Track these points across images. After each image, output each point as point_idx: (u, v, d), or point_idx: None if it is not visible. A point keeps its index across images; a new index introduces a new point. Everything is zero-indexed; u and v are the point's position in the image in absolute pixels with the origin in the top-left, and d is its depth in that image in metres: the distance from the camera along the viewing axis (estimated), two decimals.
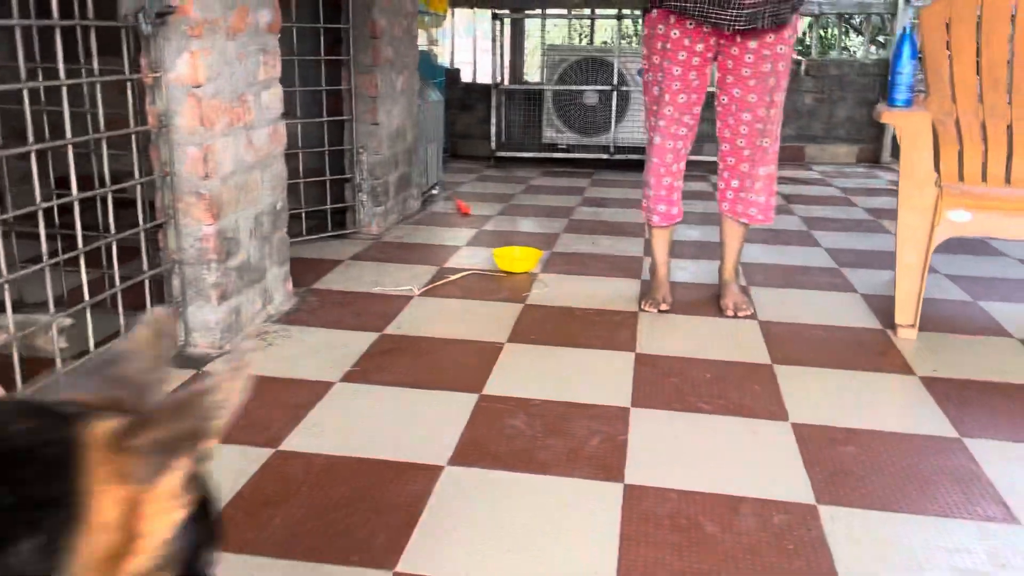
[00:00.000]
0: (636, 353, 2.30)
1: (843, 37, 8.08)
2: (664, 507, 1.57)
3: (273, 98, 2.41)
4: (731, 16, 2.29)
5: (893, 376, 2.16)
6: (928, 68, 2.88)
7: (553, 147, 5.80)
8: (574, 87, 5.62)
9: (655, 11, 2.42)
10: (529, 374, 2.15)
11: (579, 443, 1.80)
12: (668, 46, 2.40)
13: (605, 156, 5.67)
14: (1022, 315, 2.66)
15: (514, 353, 2.28)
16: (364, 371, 2.14)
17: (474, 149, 6.05)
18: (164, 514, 0.67)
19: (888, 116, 2.50)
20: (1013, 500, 1.59)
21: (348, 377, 2.10)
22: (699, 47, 2.39)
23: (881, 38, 7.26)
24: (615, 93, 5.54)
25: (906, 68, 2.63)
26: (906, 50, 2.63)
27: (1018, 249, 3.44)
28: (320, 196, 3.40)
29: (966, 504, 1.59)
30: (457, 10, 6.40)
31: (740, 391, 2.07)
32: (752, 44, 2.38)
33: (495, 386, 2.07)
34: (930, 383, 2.11)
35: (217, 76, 2.10)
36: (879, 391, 2.09)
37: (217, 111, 2.11)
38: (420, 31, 5.95)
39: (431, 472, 1.66)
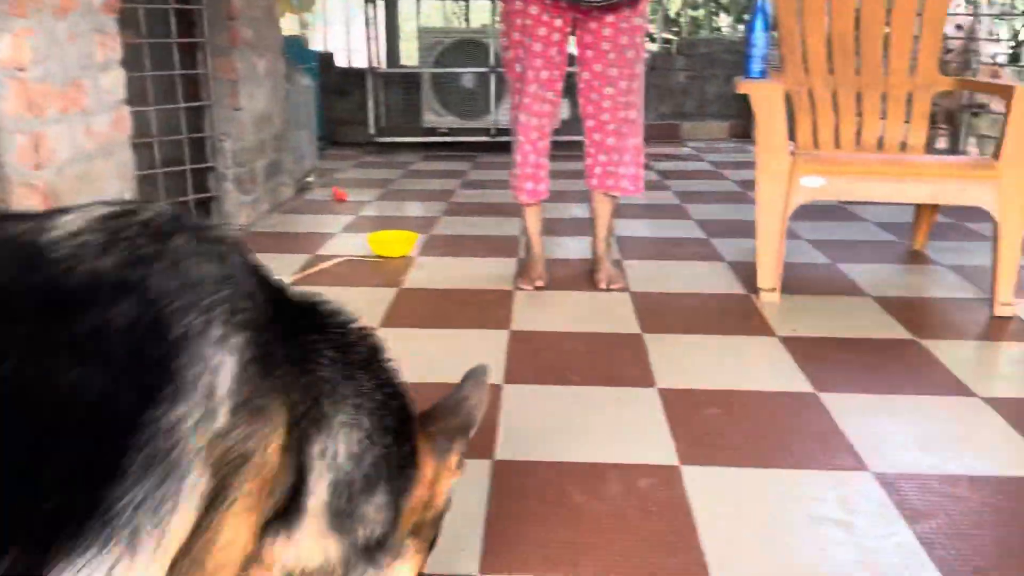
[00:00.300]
0: (510, 330, 2.29)
1: (713, 16, 8.33)
2: (532, 481, 1.56)
3: (114, 82, 2.26)
4: None
5: (755, 338, 2.23)
6: (782, 40, 2.98)
7: (433, 131, 5.74)
8: (451, 70, 5.57)
9: None
10: (401, 358, 2.08)
11: None
12: (527, 22, 2.39)
13: (486, 138, 5.65)
14: (876, 275, 2.79)
15: (387, 338, 2.21)
16: None
17: (353, 135, 5.92)
18: (447, 483, 1.03)
19: (744, 87, 2.56)
20: (863, 449, 1.66)
21: None
22: (558, 22, 2.39)
23: (747, 16, 7.52)
24: (493, 75, 5.51)
25: (759, 41, 2.71)
26: (759, 23, 2.70)
27: (874, 212, 3.62)
28: (182, 187, 3.24)
29: (820, 456, 1.64)
30: None
31: (610, 361, 2.09)
32: (610, 18, 2.40)
33: None
34: (789, 343, 2.19)
35: (45, 58, 1.95)
36: (742, 353, 2.15)
37: (47, 96, 1.96)
38: (289, 15, 5.78)
39: None
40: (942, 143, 4.84)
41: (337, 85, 6.04)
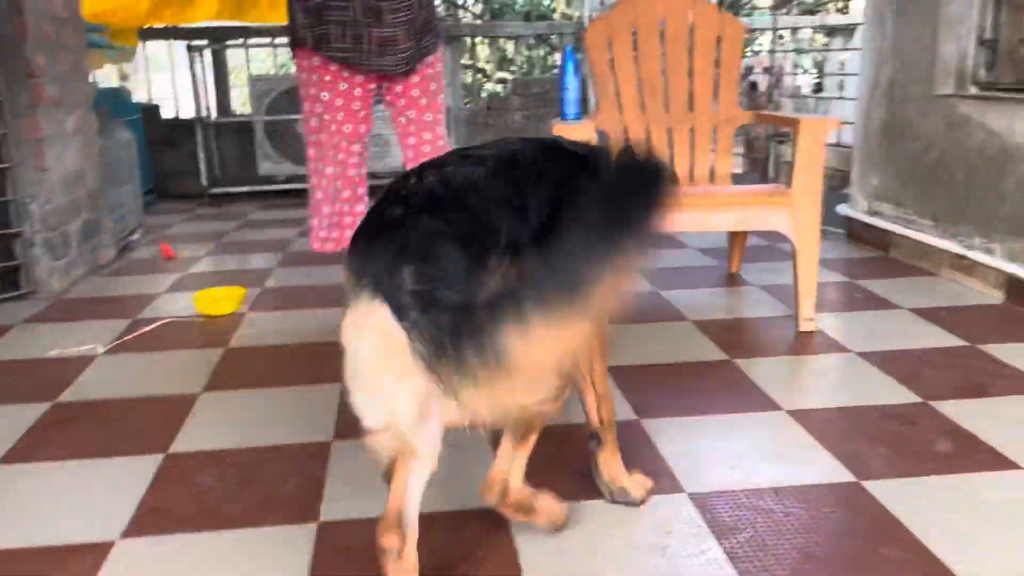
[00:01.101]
0: (343, 384, 2.25)
1: (547, 56, 8.64)
2: (360, 539, 1.53)
3: None
4: (391, 62, 2.36)
5: None
6: (596, 82, 3.13)
7: (271, 179, 5.62)
8: (286, 116, 5.48)
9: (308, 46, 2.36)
10: (225, 423, 2.03)
11: (274, 488, 1.71)
12: (327, 78, 2.38)
13: None
14: (695, 299, 2.95)
15: (209, 403, 2.14)
16: (29, 448, 1.90)
17: (186, 187, 5.70)
18: None
19: (558, 129, 2.67)
20: (679, 471, 1.74)
21: (8, 458, 1.85)
22: (359, 78, 2.40)
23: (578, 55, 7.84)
24: None
25: (572, 83, 2.84)
26: (570, 67, 2.83)
27: (697, 239, 3.83)
28: None
29: None
30: (149, 43, 6.00)
31: None
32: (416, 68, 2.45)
33: (185, 442, 1.92)
34: (615, 372, 2.27)
35: None
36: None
37: None
38: (108, 66, 5.52)
39: (99, 551, 1.49)
40: (756, 171, 5.21)
41: (165, 136, 5.82)
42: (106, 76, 5.43)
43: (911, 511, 1.56)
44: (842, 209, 3.86)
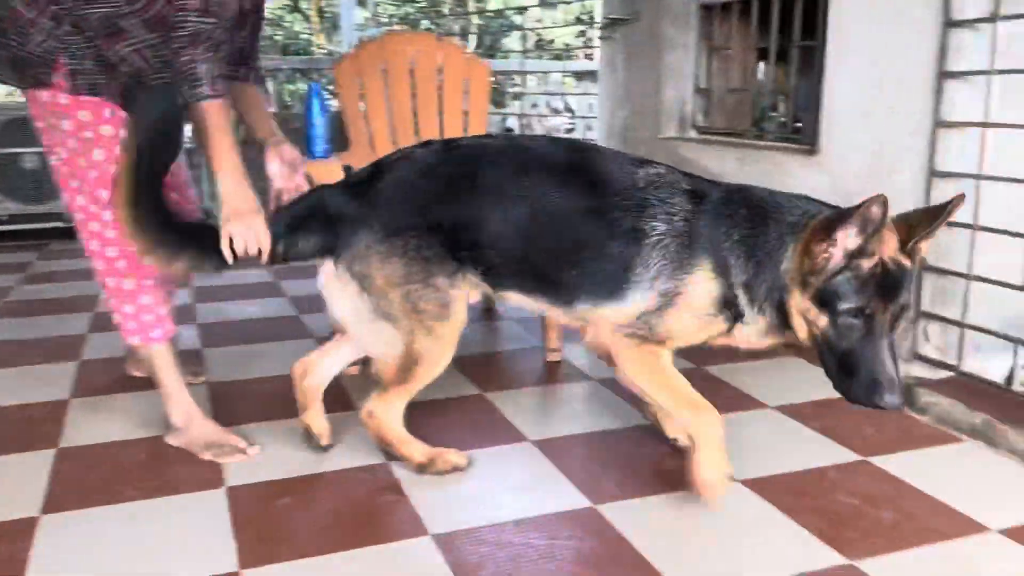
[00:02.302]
0: (58, 448, 2.02)
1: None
2: None
3: None
4: None
5: (336, 415, 2.20)
6: (347, 119, 3.10)
7: None
8: (8, 150, 4.91)
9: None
10: None
11: None
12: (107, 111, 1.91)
13: (60, 224, 5.05)
14: None
15: None
16: None
17: None
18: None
19: (308, 167, 2.59)
20: (426, 513, 1.72)
21: None
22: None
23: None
24: None
25: (318, 121, 2.79)
26: (315, 105, 2.78)
27: None
28: None
29: (386, 528, 1.68)
30: None
31: (176, 467, 1.94)
32: None
33: None
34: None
35: None
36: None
37: None
38: None
39: None
40: None
41: None
42: None
43: (639, 530, 1.65)
44: None
